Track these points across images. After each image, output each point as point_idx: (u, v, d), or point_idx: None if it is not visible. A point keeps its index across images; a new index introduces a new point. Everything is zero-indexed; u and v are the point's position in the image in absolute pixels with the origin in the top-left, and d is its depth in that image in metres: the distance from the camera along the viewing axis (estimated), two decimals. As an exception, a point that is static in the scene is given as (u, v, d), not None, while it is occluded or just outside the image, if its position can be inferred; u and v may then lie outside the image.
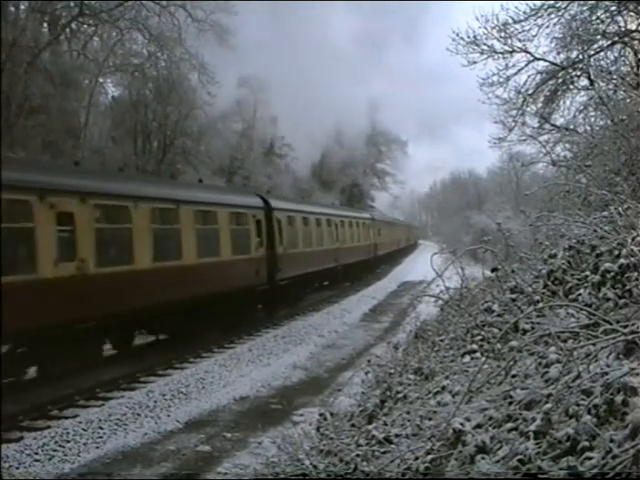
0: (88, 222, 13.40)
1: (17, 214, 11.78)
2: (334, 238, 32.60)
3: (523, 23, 18.20)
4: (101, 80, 30.01)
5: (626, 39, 17.78)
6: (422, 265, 27.88)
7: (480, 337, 6.56)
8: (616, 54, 18.19)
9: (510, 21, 18.30)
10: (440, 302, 9.33)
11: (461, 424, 4.13)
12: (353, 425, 6.60)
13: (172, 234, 16.58)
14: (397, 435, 5.19)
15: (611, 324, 4.19)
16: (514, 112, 20.23)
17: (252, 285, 21.01)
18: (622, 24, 17.88)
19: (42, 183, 12.40)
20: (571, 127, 18.29)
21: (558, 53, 19.25)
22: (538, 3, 17.96)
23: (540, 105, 20.23)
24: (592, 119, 14.74)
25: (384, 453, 5.00)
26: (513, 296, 6.66)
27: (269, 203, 23.45)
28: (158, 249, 15.58)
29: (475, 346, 6.45)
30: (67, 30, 27.37)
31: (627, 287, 5.27)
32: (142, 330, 17.51)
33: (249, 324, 20.98)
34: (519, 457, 3.52)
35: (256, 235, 21.57)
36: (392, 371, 7.97)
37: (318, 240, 29.49)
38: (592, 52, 17.98)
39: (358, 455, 5.12)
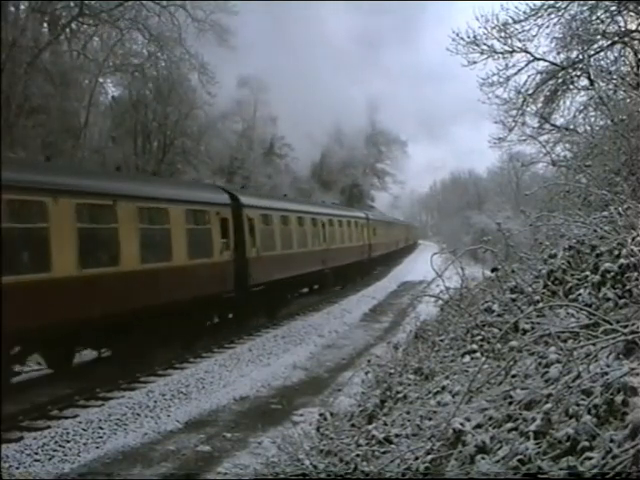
0: None
1: None
2: (321, 239, 29.94)
3: (523, 23, 18.23)
4: (101, 80, 30.02)
5: (626, 39, 17.78)
6: (422, 265, 27.86)
7: (480, 337, 6.57)
8: (616, 54, 18.22)
9: (510, 21, 18.33)
10: (440, 302, 9.33)
11: (461, 424, 4.13)
12: (353, 425, 6.61)
13: (107, 235, 14.01)
14: (397, 435, 5.20)
15: (611, 324, 4.19)
16: (514, 112, 20.25)
17: (215, 293, 18.27)
18: (622, 24, 17.91)
19: None
20: (571, 127, 18.29)
21: (558, 53, 19.28)
22: (538, 3, 17.98)
23: (540, 105, 20.25)
24: (592, 119, 14.76)
25: (384, 453, 5.00)
26: (513, 296, 6.67)
27: (238, 200, 20.68)
28: (87, 253, 13.17)
29: (475, 346, 6.45)
30: (67, 30, 27.38)
31: (627, 287, 5.28)
32: (82, 347, 15.25)
33: (214, 336, 18.80)
34: (519, 457, 3.52)
35: (221, 236, 18.88)
36: (392, 371, 7.97)
37: (301, 241, 26.75)
38: (592, 52, 17.99)
39: (358, 455, 5.12)
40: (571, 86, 19.51)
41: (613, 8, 17.42)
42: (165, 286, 15.66)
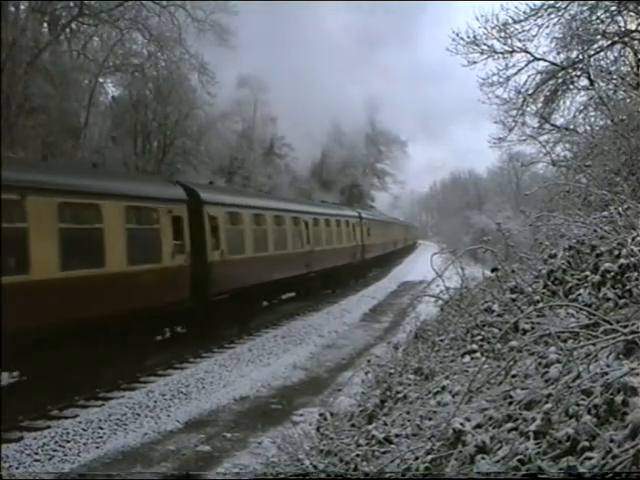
0: None
1: None
2: (304, 240, 27.30)
3: (523, 23, 18.22)
4: (101, 80, 30.05)
5: (626, 39, 17.77)
6: (422, 265, 27.85)
7: (480, 337, 6.57)
8: (616, 54, 18.21)
9: (510, 21, 18.32)
10: (440, 302, 9.33)
11: (461, 424, 4.13)
12: (353, 425, 6.61)
13: (14, 236, 11.48)
14: (397, 435, 5.20)
15: (611, 324, 4.19)
16: (514, 112, 20.25)
17: (166, 304, 15.88)
18: (622, 24, 17.90)
19: None
20: (571, 127, 18.29)
21: (558, 53, 19.28)
22: (538, 3, 17.98)
23: (540, 105, 20.24)
24: (592, 119, 14.75)
25: (384, 453, 5.00)
26: (513, 296, 6.67)
27: (198, 195, 18.24)
28: None
29: (475, 346, 6.46)
30: (67, 30, 27.40)
31: (627, 287, 5.27)
32: None
33: (169, 351, 16.83)
34: (519, 457, 3.52)
35: (173, 237, 16.43)
36: (392, 371, 7.98)
37: (278, 242, 23.97)
38: (592, 52, 17.98)
39: (358, 455, 5.13)
40: (571, 86, 19.51)
41: (613, 8, 17.41)
42: (95, 298, 13.34)
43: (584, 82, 18.87)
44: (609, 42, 17.93)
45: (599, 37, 17.91)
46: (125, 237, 14.46)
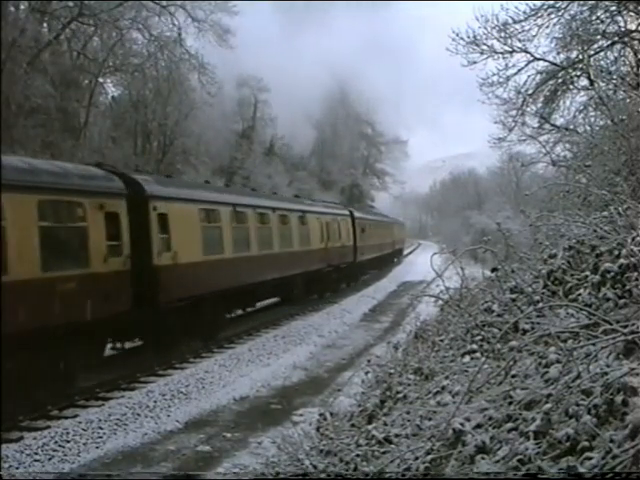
0: None
1: None
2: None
3: (523, 23, 18.19)
4: (101, 80, 30.06)
5: (626, 39, 17.76)
6: (422, 265, 27.88)
7: (480, 337, 6.56)
8: (616, 54, 18.19)
9: (510, 21, 18.31)
10: (440, 302, 9.33)
11: (461, 424, 4.13)
12: (353, 425, 6.61)
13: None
14: (397, 435, 5.20)
15: (611, 324, 4.19)
16: (514, 112, 20.24)
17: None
18: (622, 24, 17.89)
19: None
20: (571, 127, 18.28)
21: (558, 53, 19.28)
22: (538, 3, 17.96)
23: (540, 105, 20.24)
24: (592, 119, 14.76)
25: (384, 453, 5.00)
26: (513, 296, 6.66)
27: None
28: None
29: (475, 346, 6.45)
30: (67, 30, 27.40)
31: (627, 287, 5.27)
32: None
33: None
34: (519, 457, 3.52)
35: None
36: (392, 371, 7.97)
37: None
38: (592, 52, 17.96)
39: (358, 455, 5.12)
40: (571, 86, 19.49)
41: (613, 8, 17.41)
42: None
43: (584, 82, 18.87)
44: (609, 42, 17.91)
45: (599, 37, 17.89)
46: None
